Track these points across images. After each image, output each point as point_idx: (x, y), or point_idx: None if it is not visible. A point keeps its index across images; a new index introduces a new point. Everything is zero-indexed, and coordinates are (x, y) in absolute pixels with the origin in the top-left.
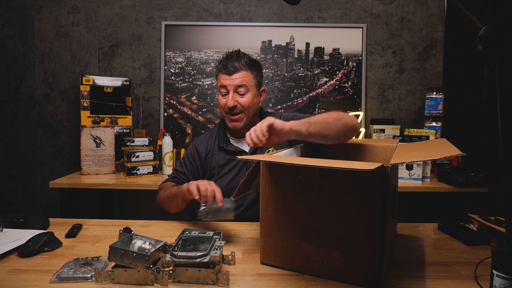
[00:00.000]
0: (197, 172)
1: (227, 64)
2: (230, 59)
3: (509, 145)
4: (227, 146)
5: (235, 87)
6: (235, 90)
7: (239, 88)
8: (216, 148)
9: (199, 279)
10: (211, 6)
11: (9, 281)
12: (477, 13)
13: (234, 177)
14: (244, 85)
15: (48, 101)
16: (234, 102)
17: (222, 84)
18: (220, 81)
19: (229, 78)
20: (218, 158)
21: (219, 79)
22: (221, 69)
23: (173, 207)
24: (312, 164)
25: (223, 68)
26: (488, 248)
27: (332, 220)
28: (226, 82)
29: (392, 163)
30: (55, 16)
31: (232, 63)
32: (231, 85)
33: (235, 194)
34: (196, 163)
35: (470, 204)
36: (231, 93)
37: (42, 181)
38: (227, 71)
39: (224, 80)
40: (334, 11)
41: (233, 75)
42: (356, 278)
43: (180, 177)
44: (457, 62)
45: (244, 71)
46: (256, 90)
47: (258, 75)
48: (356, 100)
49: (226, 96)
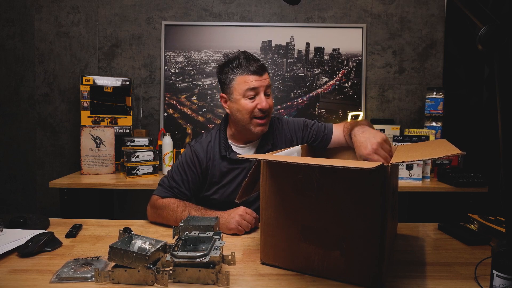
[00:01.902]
0: (198, 179)
1: (253, 64)
2: (252, 60)
3: (509, 145)
4: (230, 154)
5: (265, 89)
6: (265, 91)
7: (267, 89)
8: (218, 155)
9: (199, 279)
10: (211, 6)
11: (9, 281)
12: (477, 13)
13: (238, 186)
14: (270, 86)
15: (48, 101)
16: (267, 104)
17: (252, 86)
18: (246, 83)
19: (260, 79)
20: (219, 165)
21: (243, 81)
22: (246, 70)
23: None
24: (312, 163)
25: (250, 69)
26: (488, 248)
27: (332, 219)
28: (257, 84)
29: (392, 162)
30: (55, 16)
31: (257, 62)
32: (262, 86)
33: (239, 197)
34: (197, 171)
35: (470, 204)
36: (262, 95)
37: (42, 181)
38: (257, 72)
39: (254, 81)
40: (334, 11)
41: (263, 76)
42: (356, 278)
43: (179, 188)
44: (457, 62)
45: (267, 72)
46: None
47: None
48: (356, 100)
49: (254, 99)
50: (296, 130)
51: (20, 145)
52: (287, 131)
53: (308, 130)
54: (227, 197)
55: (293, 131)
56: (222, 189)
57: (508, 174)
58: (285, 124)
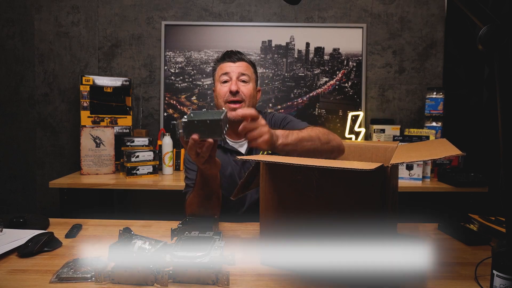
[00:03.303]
0: None
1: (230, 54)
2: (232, 52)
3: (509, 145)
4: (224, 143)
5: (238, 74)
6: (238, 77)
7: (242, 76)
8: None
9: (199, 279)
10: (211, 6)
11: (9, 281)
12: (477, 13)
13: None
14: (247, 74)
15: (48, 101)
16: (237, 87)
17: (225, 71)
18: (221, 69)
19: (233, 65)
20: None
21: (219, 68)
22: (224, 58)
23: (211, 204)
24: (311, 164)
25: (226, 57)
26: (488, 248)
27: (332, 220)
28: (229, 69)
29: (392, 163)
30: (55, 16)
31: (235, 54)
32: (234, 71)
33: (234, 194)
34: None
35: (470, 204)
36: (234, 79)
37: (42, 181)
38: (231, 59)
39: (227, 67)
40: (334, 11)
41: (237, 63)
42: (357, 278)
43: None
44: (457, 62)
45: (246, 63)
46: (255, 86)
47: (255, 73)
48: (356, 100)
49: (227, 84)
50: (278, 125)
51: (20, 145)
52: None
53: (284, 126)
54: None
55: (275, 126)
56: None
57: (508, 174)
58: (269, 120)
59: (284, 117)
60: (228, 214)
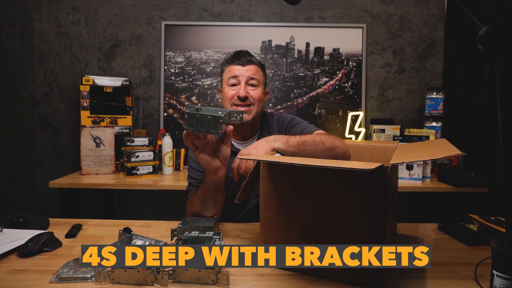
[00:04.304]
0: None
1: (240, 56)
2: (242, 53)
3: (509, 145)
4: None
5: (247, 78)
6: (247, 81)
7: (251, 80)
8: None
9: (199, 279)
10: (211, 6)
11: (9, 281)
12: (477, 13)
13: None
14: (256, 78)
15: (48, 101)
16: (246, 92)
17: (234, 74)
18: (230, 72)
19: (242, 68)
20: None
21: (228, 70)
22: (232, 60)
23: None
24: (312, 164)
25: (235, 59)
26: (488, 248)
27: (332, 220)
28: (238, 73)
29: (392, 163)
30: (55, 16)
31: (245, 56)
32: (243, 75)
33: (238, 197)
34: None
35: (470, 204)
36: (243, 83)
37: (42, 181)
38: (240, 62)
39: (236, 70)
40: (334, 11)
41: (246, 66)
42: (356, 278)
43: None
44: (457, 62)
45: (256, 66)
46: (264, 89)
47: (265, 75)
48: (356, 100)
49: (235, 87)
50: (285, 126)
51: (20, 145)
52: (278, 127)
53: (291, 127)
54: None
55: (282, 127)
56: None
57: (508, 174)
58: (276, 120)
59: (292, 119)
60: (229, 215)
